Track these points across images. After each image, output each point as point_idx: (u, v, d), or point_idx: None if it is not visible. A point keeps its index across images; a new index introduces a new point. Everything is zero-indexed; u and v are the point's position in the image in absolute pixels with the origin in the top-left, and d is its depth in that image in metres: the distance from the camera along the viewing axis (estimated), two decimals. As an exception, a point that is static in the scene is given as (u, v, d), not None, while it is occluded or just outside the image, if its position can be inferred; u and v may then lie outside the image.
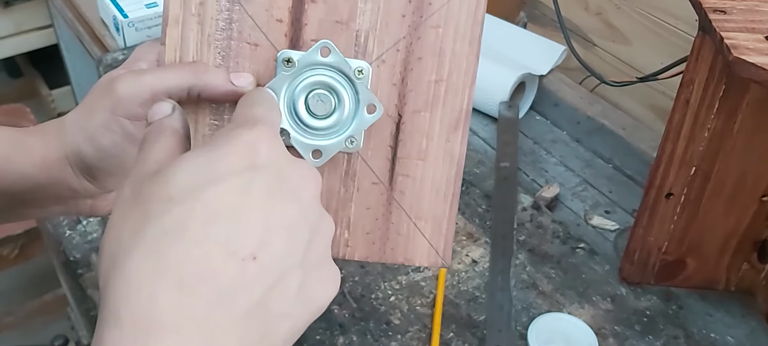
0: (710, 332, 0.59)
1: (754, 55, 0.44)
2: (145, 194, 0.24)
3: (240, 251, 0.23)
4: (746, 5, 0.49)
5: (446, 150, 0.35)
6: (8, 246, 1.05)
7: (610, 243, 0.68)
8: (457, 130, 0.35)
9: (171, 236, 0.23)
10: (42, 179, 0.34)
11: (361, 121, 0.33)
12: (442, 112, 0.35)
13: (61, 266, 0.71)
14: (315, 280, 0.25)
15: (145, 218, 0.23)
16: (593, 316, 0.59)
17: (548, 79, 0.85)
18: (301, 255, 0.25)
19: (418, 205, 0.35)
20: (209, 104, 0.34)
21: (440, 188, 0.35)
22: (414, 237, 0.36)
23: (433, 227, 0.36)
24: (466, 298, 0.60)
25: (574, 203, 0.73)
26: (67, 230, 0.67)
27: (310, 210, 0.26)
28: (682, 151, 0.54)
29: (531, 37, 0.91)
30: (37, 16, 1.53)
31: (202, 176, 0.24)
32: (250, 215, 0.24)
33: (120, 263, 0.23)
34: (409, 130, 0.35)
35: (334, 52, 0.32)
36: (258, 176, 0.24)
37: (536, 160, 0.78)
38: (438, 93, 0.34)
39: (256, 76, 0.33)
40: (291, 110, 0.33)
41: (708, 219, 0.58)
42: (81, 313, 0.75)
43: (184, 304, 0.22)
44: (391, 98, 0.34)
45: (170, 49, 0.33)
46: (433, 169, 0.35)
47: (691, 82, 0.52)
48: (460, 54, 0.34)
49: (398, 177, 0.35)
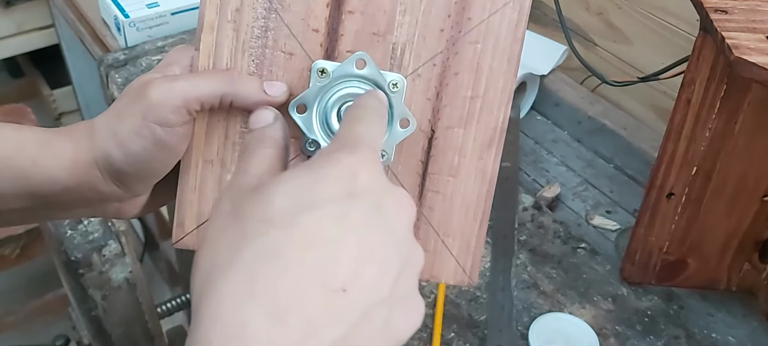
0: (711, 332, 0.59)
1: (756, 55, 0.44)
2: (244, 212, 0.24)
3: (331, 282, 0.23)
4: (747, 5, 0.49)
5: (478, 168, 0.34)
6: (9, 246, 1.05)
7: (611, 243, 0.68)
8: (490, 147, 0.34)
9: (266, 260, 0.23)
10: (70, 182, 0.34)
11: (394, 135, 0.33)
12: (476, 130, 0.34)
13: (63, 266, 0.71)
14: (400, 313, 0.25)
15: (242, 239, 0.23)
16: (594, 316, 0.59)
17: (549, 79, 0.85)
18: (390, 288, 0.24)
19: (447, 222, 0.35)
20: (241, 112, 0.34)
21: (470, 206, 0.35)
22: (441, 254, 0.35)
23: (461, 245, 0.35)
24: (467, 298, 0.60)
25: (575, 203, 0.73)
26: (69, 230, 0.67)
27: (403, 241, 0.25)
28: (684, 151, 0.54)
29: (532, 37, 0.91)
30: (38, 16, 1.53)
31: (302, 199, 0.24)
32: (345, 244, 0.23)
33: (214, 282, 0.23)
34: (442, 146, 0.34)
35: (369, 65, 0.32)
36: (356, 204, 0.24)
37: (537, 160, 0.78)
38: (473, 110, 0.34)
39: (289, 86, 0.33)
40: (323, 122, 0.33)
41: (709, 219, 0.58)
42: (82, 313, 0.75)
43: (272, 333, 0.22)
44: (425, 113, 0.34)
45: (204, 55, 0.33)
46: (463, 186, 0.35)
47: (692, 82, 0.52)
48: (498, 71, 0.33)
49: (428, 193, 0.35)
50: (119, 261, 0.67)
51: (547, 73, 0.84)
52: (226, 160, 0.34)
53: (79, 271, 0.66)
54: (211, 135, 0.34)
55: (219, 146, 0.34)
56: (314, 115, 0.33)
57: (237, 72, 0.33)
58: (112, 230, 0.67)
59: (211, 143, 0.34)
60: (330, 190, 0.24)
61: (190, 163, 0.34)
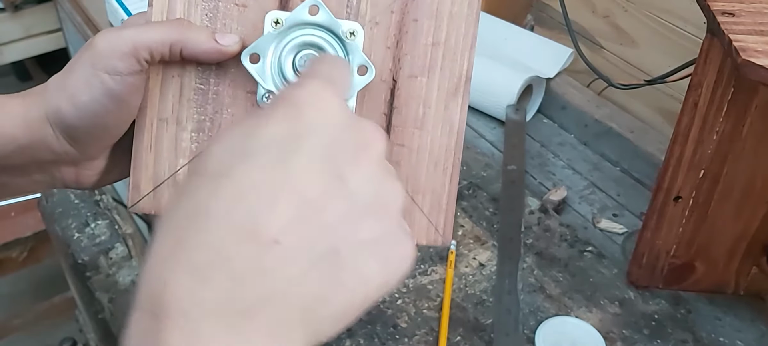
0: (719, 336, 0.58)
1: (763, 58, 0.44)
2: (189, 170, 0.24)
3: (262, 234, 0.21)
4: (755, 7, 0.49)
5: (445, 118, 0.33)
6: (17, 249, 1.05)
7: (617, 246, 0.68)
8: (456, 96, 0.33)
9: (194, 216, 0.21)
10: (23, 139, 0.33)
11: (353, 83, 0.32)
12: (440, 78, 0.33)
13: (70, 269, 0.72)
14: (370, 259, 0.22)
15: (178, 197, 0.22)
16: (601, 320, 0.59)
17: (555, 82, 0.85)
18: (344, 235, 0.22)
19: (416, 178, 0.33)
20: (195, 67, 0.33)
21: (439, 160, 0.33)
22: (411, 213, 0.33)
23: (432, 202, 0.33)
24: (473, 301, 0.60)
25: (582, 206, 0.72)
26: (76, 233, 0.68)
27: (368, 179, 0.23)
28: (691, 154, 0.54)
29: (538, 40, 0.91)
30: (46, 20, 1.54)
31: (238, 148, 0.22)
32: (280, 192, 0.21)
33: (150, 243, 0.22)
34: (405, 96, 0.33)
35: (322, 10, 0.31)
36: (300, 145, 0.22)
37: (544, 163, 0.78)
38: (435, 57, 0.33)
39: (243, 39, 0.32)
40: (278, 72, 0.32)
41: (717, 223, 0.58)
42: (89, 315, 0.76)
43: (196, 291, 0.20)
44: (386, 63, 0.32)
45: (157, 11, 0.33)
46: (430, 138, 0.33)
47: (699, 85, 0.52)
48: (459, 16, 0.32)
49: (393, 147, 0.33)
50: (126, 264, 0.68)
51: (553, 77, 0.84)
52: (181, 118, 0.33)
53: (86, 274, 0.66)
54: (165, 92, 0.33)
55: (174, 104, 0.33)
56: (268, 65, 0.32)
57: (186, 21, 0.33)
58: (119, 233, 0.67)
59: (165, 101, 0.33)
60: (271, 132, 0.22)
61: (144, 123, 0.34)
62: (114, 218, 0.68)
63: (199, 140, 0.33)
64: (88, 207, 0.69)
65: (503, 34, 0.91)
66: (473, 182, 0.72)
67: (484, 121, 0.84)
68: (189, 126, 0.33)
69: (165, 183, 0.34)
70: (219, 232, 0.21)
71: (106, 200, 0.70)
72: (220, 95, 0.33)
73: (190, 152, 0.33)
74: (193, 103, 0.33)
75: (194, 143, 0.33)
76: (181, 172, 0.33)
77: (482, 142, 0.81)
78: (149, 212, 0.34)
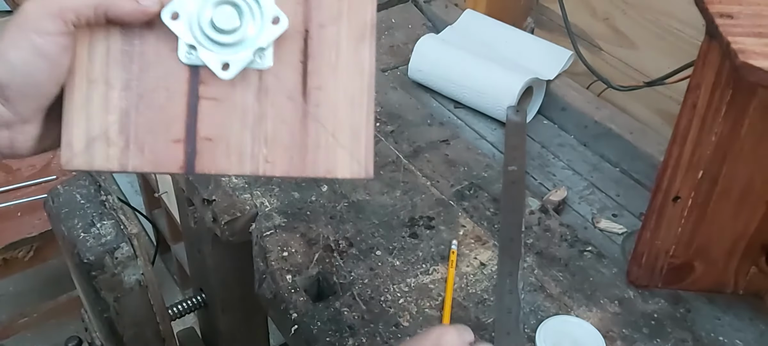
0: (718, 335, 0.59)
1: (761, 60, 0.44)
2: None
3: None
4: (753, 10, 0.49)
5: (356, 62, 0.36)
6: (23, 248, 1.06)
7: (617, 246, 0.68)
8: (363, 42, 0.36)
9: None
10: None
11: (267, 33, 0.35)
12: (348, 26, 0.36)
13: (75, 268, 0.72)
14: None
15: None
16: (601, 319, 0.59)
17: (556, 83, 0.85)
18: None
19: (335, 116, 0.36)
20: (120, 30, 0.35)
21: (354, 99, 0.36)
22: (333, 149, 0.36)
23: (351, 137, 0.37)
24: (474, 300, 0.61)
25: (582, 206, 0.73)
26: (82, 232, 0.68)
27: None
28: (690, 155, 0.55)
29: (538, 42, 0.91)
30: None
31: None
32: None
33: None
34: (318, 44, 0.36)
35: None
36: None
37: (544, 164, 0.79)
38: (341, 8, 0.36)
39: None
40: (198, 26, 0.34)
41: (716, 223, 0.58)
42: (95, 314, 0.76)
43: None
44: (297, 15, 0.36)
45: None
46: (344, 80, 0.36)
47: (698, 87, 0.52)
48: None
49: (312, 91, 0.36)
50: (131, 263, 0.68)
51: (553, 78, 0.85)
52: (110, 78, 0.36)
53: (92, 273, 0.67)
54: (93, 54, 0.35)
55: (101, 65, 0.35)
56: (188, 22, 0.34)
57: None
58: (124, 233, 0.68)
59: (93, 62, 0.35)
60: None
61: (74, 84, 0.36)
62: (119, 219, 0.69)
63: (126, 98, 0.36)
64: (94, 207, 0.70)
65: (504, 37, 0.91)
66: (474, 183, 0.73)
67: (485, 123, 0.84)
68: (117, 85, 0.36)
69: (97, 139, 0.36)
70: None
71: (112, 200, 0.71)
72: (145, 54, 0.36)
73: (119, 110, 0.36)
74: (120, 64, 0.36)
75: (122, 101, 0.36)
76: (111, 127, 0.36)
77: (483, 143, 0.82)
78: (82, 168, 0.36)
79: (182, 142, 0.36)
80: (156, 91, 0.35)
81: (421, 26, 1.00)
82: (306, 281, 0.62)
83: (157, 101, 0.36)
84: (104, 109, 0.36)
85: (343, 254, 0.64)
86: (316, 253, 0.64)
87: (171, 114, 0.36)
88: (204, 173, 0.36)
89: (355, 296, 0.60)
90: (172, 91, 0.36)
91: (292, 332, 0.59)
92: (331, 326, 0.58)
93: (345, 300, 0.60)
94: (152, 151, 0.36)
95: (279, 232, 0.66)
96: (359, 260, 0.63)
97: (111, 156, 0.36)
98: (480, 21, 0.95)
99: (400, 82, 0.89)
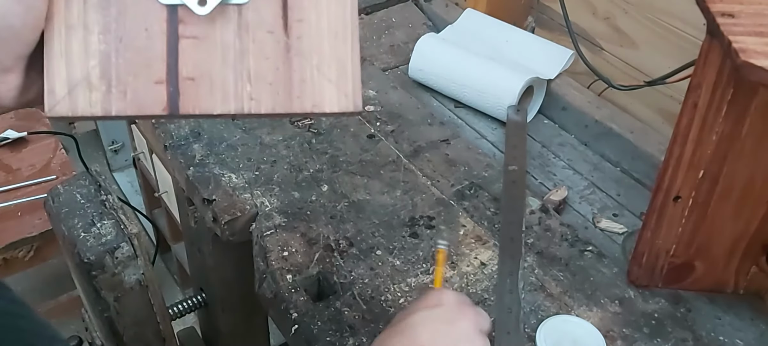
0: (719, 335, 0.59)
1: (763, 59, 0.44)
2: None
3: None
4: (754, 9, 0.49)
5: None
6: (23, 248, 1.06)
7: (618, 246, 0.68)
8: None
9: None
10: None
11: None
12: None
13: (76, 268, 0.72)
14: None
15: None
16: (601, 318, 0.59)
17: (556, 83, 0.85)
18: None
19: (319, 49, 0.36)
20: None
21: (338, 31, 0.36)
22: (319, 83, 0.36)
23: (337, 70, 0.36)
24: (474, 300, 0.60)
25: (582, 206, 0.73)
26: (82, 232, 0.68)
27: None
28: (690, 154, 0.55)
29: (539, 41, 0.91)
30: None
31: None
32: None
33: None
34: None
35: None
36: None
37: (544, 163, 0.78)
38: None
39: None
40: None
41: (716, 222, 0.58)
42: (95, 314, 0.76)
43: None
44: None
45: None
46: (326, 12, 0.36)
47: (699, 86, 0.52)
48: None
49: (293, 24, 0.35)
50: (131, 263, 0.68)
51: (554, 78, 0.85)
52: (88, 23, 0.35)
53: (92, 273, 0.67)
54: (70, 0, 0.35)
55: (79, 10, 0.35)
56: None
57: None
58: (124, 232, 0.68)
59: (71, 7, 0.35)
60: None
61: (52, 31, 0.35)
62: (120, 218, 0.69)
63: (106, 41, 0.36)
64: (94, 207, 0.70)
65: (504, 36, 0.91)
66: (475, 182, 0.73)
67: (485, 122, 0.84)
68: (96, 29, 0.35)
69: (79, 85, 0.36)
70: None
71: (112, 199, 0.71)
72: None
73: (99, 54, 0.35)
74: (98, 8, 0.35)
75: (102, 45, 0.36)
76: (92, 72, 0.35)
77: (484, 142, 0.81)
78: (66, 114, 0.36)
79: (164, 83, 0.35)
80: (135, 33, 0.35)
81: (422, 26, 1.00)
82: (306, 281, 0.62)
83: (137, 43, 0.35)
84: (84, 54, 0.35)
85: (344, 254, 0.64)
86: (317, 252, 0.64)
87: (151, 55, 0.35)
88: (188, 113, 0.35)
89: (355, 296, 0.60)
90: (152, 31, 0.35)
91: (292, 332, 0.59)
92: (332, 326, 0.57)
93: (345, 300, 0.60)
94: (135, 93, 0.35)
95: (279, 231, 0.66)
96: (359, 260, 0.63)
97: (93, 101, 0.35)
98: (480, 20, 0.94)
99: (401, 82, 0.89)
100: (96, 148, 1.69)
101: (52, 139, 1.21)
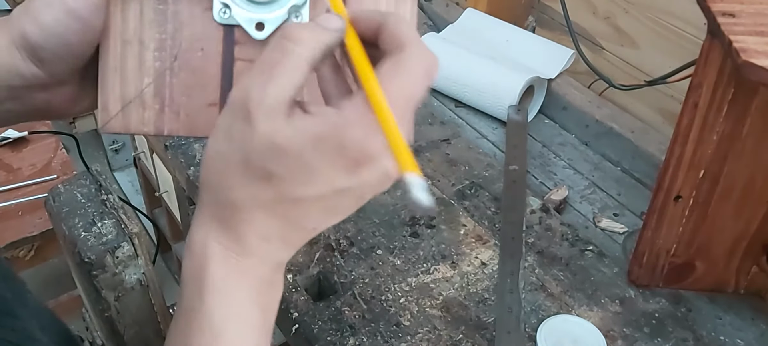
0: (719, 334, 0.59)
1: (763, 59, 0.44)
2: (252, 149, 0.29)
3: None
4: (755, 9, 0.49)
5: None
6: (23, 247, 1.06)
7: (618, 246, 0.68)
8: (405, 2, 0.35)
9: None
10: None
11: None
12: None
13: (76, 268, 0.72)
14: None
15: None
16: (602, 318, 0.59)
17: (557, 82, 0.85)
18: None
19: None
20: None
21: None
22: None
23: None
24: (475, 300, 0.61)
25: (583, 205, 0.73)
26: (82, 231, 0.68)
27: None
28: (691, 154, 0.55)
29: (539, 41, 0.91)
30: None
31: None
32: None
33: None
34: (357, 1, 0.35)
35: None
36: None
37: (545, 163, 0.78)
38: None
39: None
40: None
41: (717, 222, 0.58)
42: (95, 314, 0.76)
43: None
44: None
45: None
46: None
47: (699, 86, 0.52)
48: None
49: None
50: (132, 263, 0.68)
51: (554, 77, 0.85)
52: (144, 39, 0.35)
53: (93, 272, 0.67)
54: (126, 15, 0.35)
55: (135, 25, 0.35)
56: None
57: None
58: (125, 232, 0.68)
59: (127, 23, 0.35)
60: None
61: (108, 45, 0.35)
62: (120, 218, 0.69)
63: (161, 59, 0.35)
64: (95, 206, 0.70)
65: (505, 36, 0.91)
66: (475, 182, 0.73)
67: (486, 122, 0.84)
68: (151, 46, 0.35)
69: (133, 102, 0.35)
70: None
71: (113, 199, 0.71)
72: (178, 14, 0.35)
73: (154, 71, 0.35)
74: (154, 24, 0.35)
75: (157, 62, 0.35)
76: (146, 90, 0.35)
77: (484, 142, 0.81)
78: (119, 131, 0.36)
79: (217, 106, 0.35)
80: (191, 52, 0.35)
81: (422, 25, 1.00)
82: (307, 281, 0.62)
83: (192, 63, 0.35)
84: (139, 71, 0.35)
85: (344, 254, 0.64)
86: (317, 252, 0.64)
87: (206, 76, 0.35)
88: None
89: (356, 296, 0.60)
90: (207, 52, 0.35)
91: (292, 332, 0.59)
92: (332, 326, 0.57)
93: (346, 299, 0.60)
94: (188, 114, 0.35)
95: (280, 231, 0.66)
96: (360, 260, 0.63)
97: (146, 120, 0.35)
98: (481, 20, 0.94)
99: (401, 81, 0.89)
100: (97, 148, 1.69)
101: (53, 138, 1.21)
